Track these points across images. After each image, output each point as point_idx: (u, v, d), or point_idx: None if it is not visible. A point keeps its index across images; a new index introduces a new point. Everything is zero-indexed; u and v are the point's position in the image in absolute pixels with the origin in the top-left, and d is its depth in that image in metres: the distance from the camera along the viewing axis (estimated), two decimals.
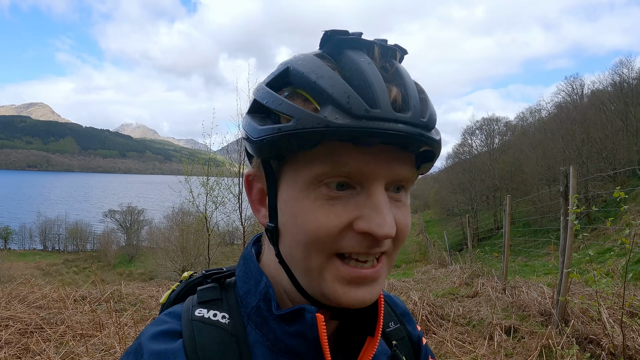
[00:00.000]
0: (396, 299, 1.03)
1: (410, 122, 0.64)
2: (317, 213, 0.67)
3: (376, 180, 0.66)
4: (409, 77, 0.69)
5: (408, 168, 0.69)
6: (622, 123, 35.16)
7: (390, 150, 0.66)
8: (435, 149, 0.69)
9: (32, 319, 5.09)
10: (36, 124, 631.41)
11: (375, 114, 0.62)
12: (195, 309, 0.77)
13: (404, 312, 1.01)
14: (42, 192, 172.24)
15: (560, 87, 51.17)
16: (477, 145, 55.58)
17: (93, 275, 7.93)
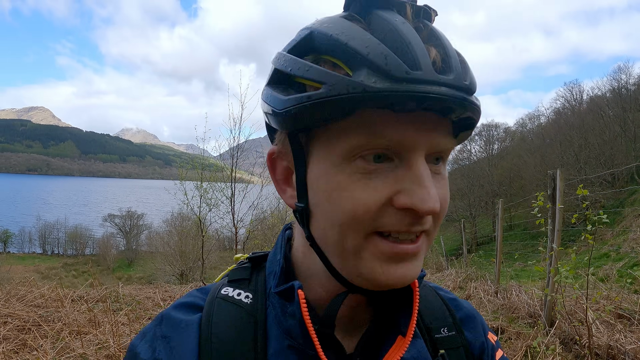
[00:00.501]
0: (461, 302, 0.92)
1: (453, 85, 0.58)
2: (353, 189, 0.61)
3: (416, 150, 0.61)
4: (446, 38, 0.63)
5: (449, 137, 0.64)
6: (620, 129, 35.30)
7: (430, 117, 0.60)
8: (476, 115, 0.63)
9: (30, 316, 5.20)
10: (36, 128, 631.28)
11: (416, 75, 0.56)
12: (223, 288, 0.79)
13: (468, 316, 0.89)
14: (41, 196, 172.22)
15: (559, 93, 51.33)
16: (476, 151, 55.69)
17: (91, 276, 8.02)
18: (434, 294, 0.89)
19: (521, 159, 42.35)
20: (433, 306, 0.85)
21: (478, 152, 55.41)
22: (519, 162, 42.42)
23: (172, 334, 0.72)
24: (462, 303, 0.92)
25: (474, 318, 0.89)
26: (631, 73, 39.78)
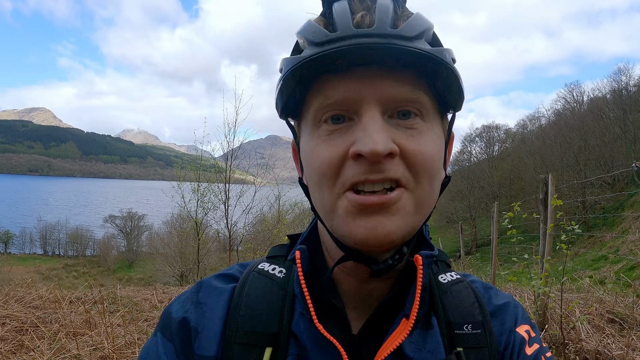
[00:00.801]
0: (495, 293, 0.85)
1: (374, 34, 0.62)
2: (320, 149, 0.68)
3: (365, 104, 0.65)
4: (387, 2, 0.67)
5: (405, 88, 0.66)
6: (621, 130, 35.30)
7: (376, 71, 0.65)
8: (425, 61, 0.65)
9: (28, 317, 5.24)
10: (38, 129, 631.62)
11: (334, 36, 0.64)
12: (260, 263, 0.85)
13: (499, 307, 0.82)
14: (42, 197, 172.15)
15: (560, 95, 51.38)
16: (477, 153, 55.71)
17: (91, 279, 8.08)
18: (467, 289, 0.82)
19: (521, 161, 42.38)
20: (462, 301, 0.79)
21: (478, 154, 55.45)
22: (519, 164, 42.44)
23: (205, 299, 0.80)
24: (496, 294, 0.85)
25: (505, 308, 0.82)
26: (631, 75, 39.83)
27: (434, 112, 0.71)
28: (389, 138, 0.64)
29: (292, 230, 15.75)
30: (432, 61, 0.65)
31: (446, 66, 0.66)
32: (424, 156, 0.66)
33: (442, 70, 0.66)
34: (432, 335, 0.74)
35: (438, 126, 0.72)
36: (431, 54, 0.64)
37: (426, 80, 0.68)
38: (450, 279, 0.82)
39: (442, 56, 0.65)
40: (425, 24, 0.67)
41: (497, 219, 9.34)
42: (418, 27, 0.65)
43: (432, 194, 0.70)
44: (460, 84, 0.70)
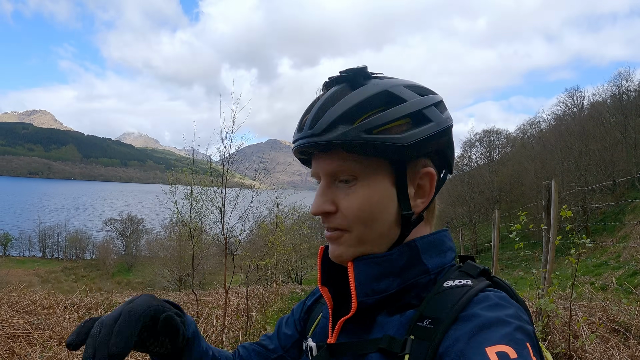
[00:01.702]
0: (489, 305, 0.78)
1: (301, 137, 0.90)
2: None
3: (321, 175, 0.92)
4: (325, 97, 0.90)
5: (336, 163, 0.88)
6: (621, 135, 35.26)
7: (321, 155, 0.91)
8: (327, 144, 0.86)
9: (20, 323, 5.14)
10: (38, 131, 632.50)
11: (293, 138, 0.93)
12: None
13: (474, 317, 0.76)
14: (42, 200, 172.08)
15: (560, 99, 51.27)
16: (477, 158, 55.66)
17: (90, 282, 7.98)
18: (460, 292, 0.82)
19: (522, 166, 42.34)
20: (445, 301, 0.82)
21: (479, 159, 55.42)
22: (520, 169, 42.42)
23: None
24: (489, 307, 0.77)
25: (469, 320, 0.75)
26: (632, 79, 39.76)
27: (373, 170, 0.88)
28: (325, 201, 0.90)
29: (290, 236, 15.66)
30: (338, 144, 0.85)
31: (349, 143, 0.84)
32: (352, 210, 0.88)
33: (350, 146, 0.85)
34: (393, 322, 0.86)
35: (378, 180, 0.88)
36: (332, 141, 0.85)
37: (349, 152, 0.86)
38: (453, 284, 0.86)
39: (345, 138, 0.84)
40: (339, 111, 0.86)
41: (498, 225, 9.25)
42: (328, 121, 0.86)
43: (370, 232, 0.89)
44: (382, 145, 0.85)
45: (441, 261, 0.92)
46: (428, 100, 0.91)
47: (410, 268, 0.90)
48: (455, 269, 0.92)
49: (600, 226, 28.29)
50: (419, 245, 0.91)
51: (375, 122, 0.85)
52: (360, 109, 0.86)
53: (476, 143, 55.81)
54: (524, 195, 39.49)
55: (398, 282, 0.89)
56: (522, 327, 0.73)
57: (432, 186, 0.94)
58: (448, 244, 0.96)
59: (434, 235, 0.95)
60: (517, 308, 0.79)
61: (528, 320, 0.78)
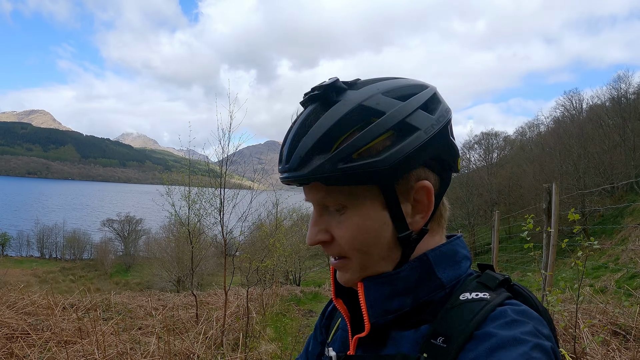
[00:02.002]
0: (505, 322, 0.73)
1: (282, 171, 0.86)
2: None
3: (312, 204, 0.90)
4: (298, 125, 0.85)
5: (320, 194, 0.85)
6: (620, 138, 35.31)
7: (306, 187, 0.88)
8: (305, 180, 0.82)
9: (19, 324, 5.13)
10: (37, 131, 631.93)
11: (278, 168, 0.88)
12: None
13: (486, 337, 0.71)
14: (41, 200, 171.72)
15: (559, 102, 51.29)
16: (476, 160, 55.69)
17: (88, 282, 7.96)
18: (476, 308, 0.78)
19: (520, 168, 42.37)
20: (461, 316, 0.77)
21: (477, 161, 55.45)
22: (518, 171, 42.43)
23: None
24: (505, 325, 0.72)
25: (483, 339, 0.71)
26: (631, 82, 39.79)
27: (360, 196, 0.83)
28: (318, 231, 0.88)
29: (290, 237, 15.64)
30: (316, 179, 0.80)
31: (327, 177, 0.79)
32: (345, 239, 0.85)
33: (328, 180, 0.80)
34: (407, 337, 0.83)
35: (367, 205, 0.83)
36: (308, 176, 0.80)
37: (335, 184, 0.82)
38: (469, 297, 0.81)
39: (321, 172, 0.79)
40: (310, 143, 0.80)
41: (498, 227, 9.26)
42: (300, 155, 0.81)
43: (370, 258, 0.86)
44: (359, 173, 0.79)
45: (456, 273, 0.88)
46: (412, 104, 0.83)
47: (424, 284, 0.86)
48: (473, 279, 0.88)
49: (598, 229, 28.30)
50: (431, 259, 0.87)
51: (352, 148, 0.79)
52: (335, 133, 0.80)
53: (475, 145, 55.88)
54: (522, 197, 39.51)
55: (411, 299, 0.85)
56: (540, 345, 0.68)
57: (430, 199, 0.86)
58: (462, 253, 0.92)
59: (446, 246, 0.90)
60: (537, 322, 0.74)
61: (548, 335, 0.73)
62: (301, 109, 0.89)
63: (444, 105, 0.89)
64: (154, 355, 4.34)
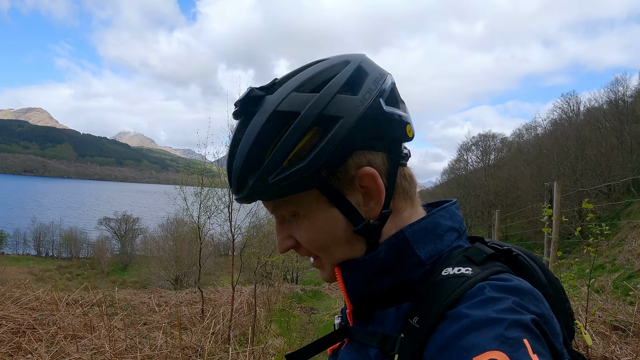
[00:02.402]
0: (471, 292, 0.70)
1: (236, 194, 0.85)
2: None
3: (274, 216, 0.90)
4: (230, 147, 0.85)
5: (270, 207, 0.86)
6: (617, 140, 35.46)
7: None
8: (247, 201, 0.85)
9: (24, 319, 5.16)
10: (34, 129, 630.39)
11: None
12: None
13: (454, 316, 0.67)
14: (37, 198, 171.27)
15: (556, 104, 51.47)
16: (473, 161, 55.84)
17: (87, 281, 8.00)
18: (455, 284, 0.73)
19: (518, 170, 42.50)
20: (439, 294, 0.72)
21: (474, 162, 55.60)
22: (516, 173, 42.57)
23: None
24: (482, 302, 0.67)
25: (455, 320, 0.66)
26: (628, 85, 39.99)
27: (304, 200, 0.81)
28: (283, 238, 0.88)
29: None
30: (254, 198, 0.83)
31: (262, 195, 0.81)
32: (306, 242, 0.85)
33: (265, 196, 0.81)
34: (388, 317, 0.82)
35: (313, 208, 0.82)
36: (248, 197, 0.82)
37: (272, 199, 0.83)
38: (451, 272, 0.75)
39: (255, 193, 0.80)
40: (238, 167, 0.80)
41: (498, 226, 9.34)
42: (236, 180, 0.81)
43: (335, 254, 0.85)
44: (291, 183, 0.77)
45: (437, 248, 0.82)
46: (328, 92, 0.76)
47: (402, 262, 0.81)
48: (460, 253, 0.81)
49: (595, 229, 28.45)
50: (407, 235, 0.82)
51: (278, 159, 0.76)
52: (259, 147, 0.77)
53: (472, 147, 56.07)
54: (519, 199, 39.65)
55: (390, 279, 0.82)
56: (517, 321, 0.62)
57: (378, 183, 0.80)
58: (446, 225, 0.85)
59: (426, 220, 0.84)
60: (523, 296, 0.68)
61: (535, 310, 0.66)
62: None
63: (373, 75, 0.82)
64: (162, 349, 4.38)
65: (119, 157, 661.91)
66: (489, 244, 0.87)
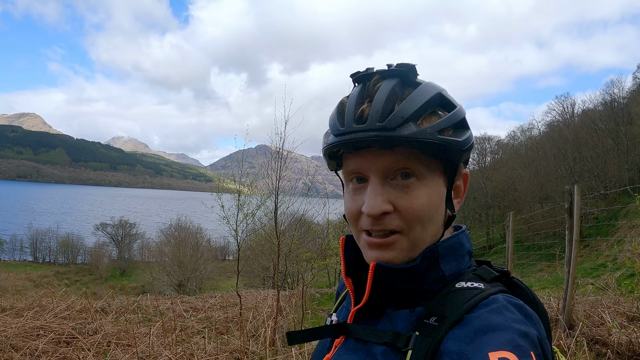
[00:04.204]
0: (494, 309, 0.79)
1: (365, 129, 0.85)
2: (348, 202, 0.95)
3: (370, 173, 0.90)
4: (386, 91, 0.87)
5: (398, 159, 0.87)
6: (613, 142, 35.66)
7: (374, 151, 0.88)
8: (407, 142, 0.85)
9: (63, 329, 5.21)
10: (27, 135, 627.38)
11: (342, 130, 0.89)
12: None
13: (472, 318, 0.79)
14: (32, 203, 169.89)
15: (550, 106, 51.65)
16: (469, 164, 55.99)
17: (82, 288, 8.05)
18: (470, 294, 0.85)
19: (515, 172, 42.62)
20: (455, 300, 0.84)
21: (471, 165, 55.72)
22: (513, 175, 42.68)
23: None
24: (493, 312, 0.79)
25: (473, 321, 0.79)
26: (623, 87, 40.34)
27: (431, 170, 0.90)
28: (383, 201, 0.87)
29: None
30: (412, 141, 0.84)
31: (425, 142, 0.85)
32: (413, 209, 0.87)
33: (424, 145, 0.85)
34: (401, 316, 0.90)
35: (435, 180, 0.91)
36: (409, 137, 0.84)
37: (419, 150, 0.87)
38: (465, 285, 0.89)
39: (423, 136, 0.85)
40: (411, 109, 0.86)
41: (512, 227, 9.50)
42: (402, 117, 0.85)
43: (425, 233, 0.90)
44: (450, 146, 0.88)
45: (458, 267, 0.94)
46: (462, 111, 0.94)
47: (427, 274, 0.91)
48: (470, 272, 0.94)
49: (593, 230, 28.65)
50: (440, 250, 0.92)
51: (443, 125, 0.88)
52: (425, 109, 0.88)
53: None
54: (517, 200, 39.80)
55: (412, 285, 0.91)
56: (527, 333, 0.74)
57: (466, 187, 1.01)
58: (466, 247, 0.98)
59: (453, 239, 0.95)
60: (526, 314, 0.80)
61: (536, 327, 0.78)
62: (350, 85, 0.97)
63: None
64: (210, 355, 4.45)
65: (112, 162, 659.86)
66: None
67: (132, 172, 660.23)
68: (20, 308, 6.18)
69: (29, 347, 4.54)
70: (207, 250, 36.62)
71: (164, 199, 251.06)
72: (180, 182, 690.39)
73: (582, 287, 10.28)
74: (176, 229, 37.15)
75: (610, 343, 5.32)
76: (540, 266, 23.57)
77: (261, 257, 19.01)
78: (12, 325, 5.09)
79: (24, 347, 4.54)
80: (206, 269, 30.58)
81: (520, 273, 22.85)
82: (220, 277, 36.14)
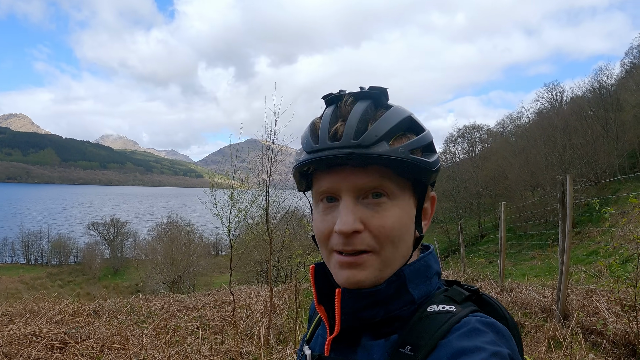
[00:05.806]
0: (466, 332, 0.81)
1: (339, 147, 0.86)
2: (318, 222, 0.94)
3: (343, 192, 0.89)
4: (360, 111, 0.89)
5: (371, 178, 0.88)
6: (602, 129, 35.92)
7: (347, 168, 0.88)
8: (380, 160, 0.86)
9: (56, 334, 5.15)
10: (16, 135, 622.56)
11: (316, 147, 0.89)
12: None
13: (445, 344, 0.79)
14: (22, 205, 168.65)
15: (539, 94, 52.00)
16: (459, 153, 56.19)
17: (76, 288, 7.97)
18: (443, 319, 0.85)
19: (506, 160, 42.81)
20: (428, 326, 0.84)
21: (461, 154, 55.94)
22: (504, 163, 42.88)
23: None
24: (466, 336, 0.80)
25: (446, 347, 0.79)
26: (612, 74, 40.59)
27: (402, 190, 0.92)
28: (355, 220, 0.86)
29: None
30: (385, 160, 0.86)
31: (398, 160, 0.87)
32: (385, 229, 0.87)
33: (396, 163, 0.87)
34: (377, 346, 0.89)
35: (405, 201, 0.92)
36: (382, 155, 0.85)
37: (391, 169, 0.88)
38: (437, 309, 0.88)
39: (395, 154, 0.86)
40: (384, 128, 0.88)
41: (505, 217, 9.51)
42: (376, 135, 0.86)
43: (396, 253, 0.90)
44: (420, 166, 0.90)
45: (427, 289, 0.94)
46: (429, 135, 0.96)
47: (397, 298, 0.91)
48: (441, 293, 0.94)
49: (584, 217, 28.87)
50: (406, 275, 0.92)
51: (414, 145, 0.90)
52: (397, 130, 0.89)
53: (458, 139, 56.38)
54: (507, 189, 40.01)
55: (383, 312, 0.90)
56: (499, 352, 0.75)
57: (433, 210, 1.02)
58: (434, 268, 0.98)
59: (420, 262, 0.96)
60: (498, 335, 0.81)
61: (508, 344, 0.80)
62: (321, 106, 0.98)
63: None
64: (205, 356, 4.42)
65: (102, 160, 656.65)
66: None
67: (122, 170, 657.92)
68: (12, 314, 6.11)
69: (22, 355, 4.48)
70: (199, 246, 36.61)
71: (154, 196, 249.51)
72: (170, 179, 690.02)
73: (575, 275, 10.34)
74: (168, 226, 37.07)
75: (606, 333, 5.35)
76: (532, 254, 23.73)
77: (254, 252, 18.95)
78: (4, 333, 5.02)
79: (17, 354, 4.48)
80: (199, 265, 30.56)
81: (512, 261, 23.00)
82: (213, 272, 36.13)
